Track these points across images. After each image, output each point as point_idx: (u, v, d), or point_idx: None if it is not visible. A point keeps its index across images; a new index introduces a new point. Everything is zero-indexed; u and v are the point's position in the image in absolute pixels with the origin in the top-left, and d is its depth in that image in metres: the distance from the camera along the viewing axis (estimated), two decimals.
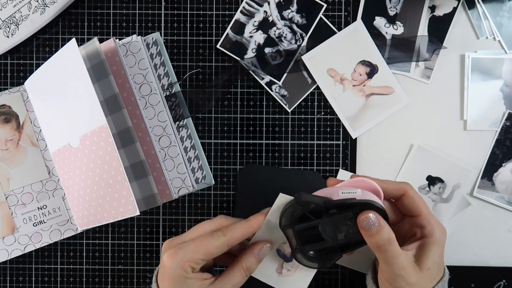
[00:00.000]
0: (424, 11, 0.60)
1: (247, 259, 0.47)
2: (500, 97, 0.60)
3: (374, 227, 0.43)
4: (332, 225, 0.45)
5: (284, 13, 0.60)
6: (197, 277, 0.46)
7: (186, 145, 0.59)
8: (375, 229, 0.43)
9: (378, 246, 0.44)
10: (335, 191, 0.45)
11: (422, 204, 0.48)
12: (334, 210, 0.44)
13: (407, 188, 0.48)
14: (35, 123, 0.59)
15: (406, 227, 0.49)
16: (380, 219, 0.43)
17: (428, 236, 0.46)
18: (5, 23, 0.59)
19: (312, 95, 0.60)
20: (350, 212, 0.44)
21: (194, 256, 0.45)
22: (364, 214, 0.43)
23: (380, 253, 0.44)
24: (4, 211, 0.58)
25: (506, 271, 0.60)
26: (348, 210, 0.44)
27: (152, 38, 0.59)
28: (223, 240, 0.45)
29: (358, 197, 0.44)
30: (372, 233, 0.43)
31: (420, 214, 0.47)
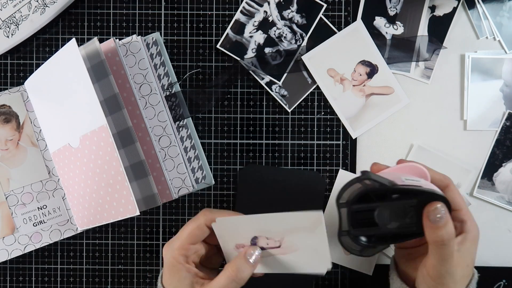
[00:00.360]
0: (424, 11, 0.60)
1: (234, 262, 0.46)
2: (500, 97, 0.60)
3: (442, 220, 0.41)
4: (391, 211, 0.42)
5: (284, 13, 0.60)
6: (191, 270, 0.46)
7: (186, 145, 0.59)
8: (442, 222, 0.41)
9: (442, 240, 0.42)
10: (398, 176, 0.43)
11: (462, 200, 0.47)
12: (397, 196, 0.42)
13: (450, 181, 0.47)
14: (35, 123, 0.59)
15: None
16: (447, 212, 0.42)
17: (469, 231, 0.45)
18: (5, 23, 0.59)
19: (312, 95, 0.60)
20: (414, 200, 0.42)
21: (181, 242, 0.46)
22: (434, 205, 0.41)
23: (439, 248, 0.43)
24: (4, 211, 0.58)
25: (506, 271, 0.60)
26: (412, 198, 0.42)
27: (152, 38, 0.59)
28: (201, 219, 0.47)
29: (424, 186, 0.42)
30: (438, 226, 0.41)
31: (461, 208, 0.46)
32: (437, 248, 0.43)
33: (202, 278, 0.47)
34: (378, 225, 0.42)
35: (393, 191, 0.42)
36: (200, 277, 0.47)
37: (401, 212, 0.42)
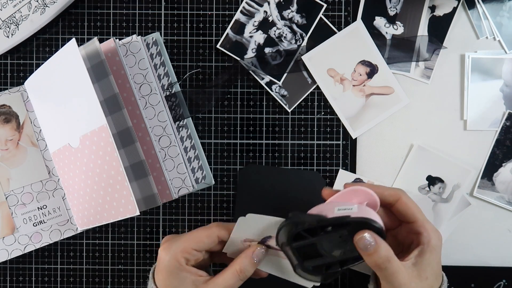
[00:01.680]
0: (424, 11, 0.60)
1: (241, 261, 0.47)
2: (500, 97, 0.60)
3: (371, 247, 0.42)
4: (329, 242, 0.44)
5: (284, 13, 0.60)
6: (191, 271, 0.47)
7: (186, 145, 0.59)
8: (372, 249, 0.42)
9: (377, 264, 0.43)
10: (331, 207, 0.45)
11: (417, 210, 0.47)
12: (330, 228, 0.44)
13: (401, 194, 0.48)
14: (35, 123, 0.59)
15: (403, 233, 0.49)
16: (376, 238, 0.43)
17: (425, 243, 0.46)
18: (5, 23, 0.59)
19: (312, 95, 0.60)
20: (345, 230, 0.43)
21: (186, 246, 0.46)
22: (360, 234, 0.43)
23: (379, 271, 0.44)
24: (4, 211, 0.58)
25: (506, 271, 0.60)
26: (344, 228, 0.43)
27: (152, 38, 0.59)
28: (214, 230, 0.47)
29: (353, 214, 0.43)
30: (369, 253, 0.43)
31: (415, 220, 0.47)
32: (378, 271, 0.44)
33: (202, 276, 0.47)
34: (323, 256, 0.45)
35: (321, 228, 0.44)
36: (200, 275, 0.47)
37: (339, 242, 0.44)
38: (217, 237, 0.47)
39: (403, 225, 0.49)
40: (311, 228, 0.44)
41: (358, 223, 0.43)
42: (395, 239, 0.49)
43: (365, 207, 0.45)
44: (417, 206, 0.48)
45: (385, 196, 0.47)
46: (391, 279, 0.44)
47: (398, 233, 0.49)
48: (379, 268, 0.43)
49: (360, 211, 0.44)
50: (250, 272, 0.47)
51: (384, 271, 0.43)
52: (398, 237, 0.49)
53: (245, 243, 0.48)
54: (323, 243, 0.44)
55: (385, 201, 0.48)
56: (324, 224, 0.44)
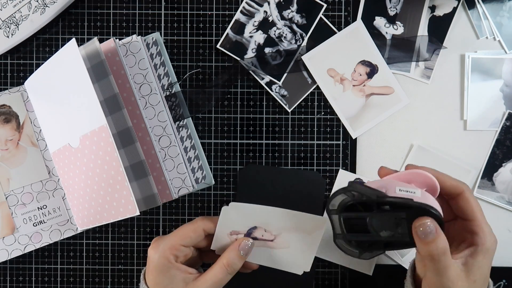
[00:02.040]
0: (424, 11, 0.60)
1: (227, 255, 0.47)
2: (500, 97, 0.60)
3: (430, 235, 0.41)
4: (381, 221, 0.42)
5: (284, 13, 0.60)
6: (180, 268, 0.47)
7: (186, 145, 0.59)
8: (431, 238, 0.41)
9: (431, 255, 0.41)
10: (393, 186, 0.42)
11: (477, 209, 0.45)
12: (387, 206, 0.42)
13: (465, 188, 0.45)
14: (35, 123, 0.59)
15: (456, 228, 0.46)
16: (437, 228, 0.41)
17: (479, 244, 0.44)
18: (5, 23, 0.59)
19: (312, 95, 0.60)
20: (403, 213, 0.41)
21: (173, 243, 0.47)
22: (421, 220, 0.41)
23: (432, 263, 0.42)
24: (4, 211, 0.58)
25: (506, 271, 0.60)
26: (402, 211, 0.41)
27: (152, 38, 0.59)
28: (199, 224, 0.47)
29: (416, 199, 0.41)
30: (427, 241, 0.41)
31: (473, 219, 0.44)
32: (429, 262, 0.42)
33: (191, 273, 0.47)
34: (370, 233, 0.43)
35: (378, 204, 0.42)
36: (190, 273, 0.47)
37: (392, 223, 0.42)
38: (202, 230, 0.48)
39: (459, 220, 0.46)
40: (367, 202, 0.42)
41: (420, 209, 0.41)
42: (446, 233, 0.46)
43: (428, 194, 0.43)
44: (479, 204, 0.45)
45: (447, 187, 0.45)
46: (442, 273, 0.42)
47: (450, 227, 0.47)
48: (432, 259, 0.42)
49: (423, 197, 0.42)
50: (237, 265, 0.47)
51: (437, 263, 0.42)
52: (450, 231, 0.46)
53: (231, 237, 0.48)
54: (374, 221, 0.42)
55: (446, 192, 0.45)
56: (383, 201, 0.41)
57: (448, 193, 0.45)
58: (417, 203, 0.41)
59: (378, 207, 0.42)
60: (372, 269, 0.59)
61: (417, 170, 0.45)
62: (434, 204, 0.42)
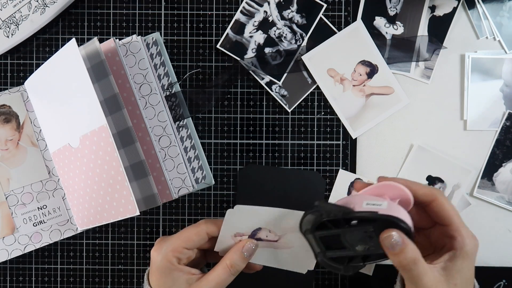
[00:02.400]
0: (424, 11, 0.60)
1: (231, 256, 0.47)
2: (500, 97, 0.60)
3: (397, 247, 0.41)
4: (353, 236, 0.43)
5: (284, 13, 0.60)
6: (183, 270, 0.47)
7: (186, 145, 0.59)
8: (398, 249, 0.41)
9: (402, 265, 0.42)
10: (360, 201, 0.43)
11: (453, 213, 0.45)
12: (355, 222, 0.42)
13: (437, 194, 0.45)
14: (35, 123, 0.59)
15: (436, 235, 0.46)
16: (404, 238, 0.41)
17: (458, 248, 0.43)
18: (5, 23, 0.59)
19: (312, 95, 0.60)
20: (370, 226, 0.42)
21: (176, 245, 0.47)
22: (387, 233, 0.41)
23: (404, 272, 0.42)
24: (4, 211, 0.58)
25: (506, 271, 0.60)
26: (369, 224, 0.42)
27: (152, 38, 0.59)
28: (202, 227, 0.47)
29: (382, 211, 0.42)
30: (395, 253, 0.41)
31: (450, 223, 0.44)
32: (403, 272, 0.43)
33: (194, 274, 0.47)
34: (347, 248, 0.44)
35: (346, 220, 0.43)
36: (192, 274, 0.47)
37: (363, 237, 0.43)
38: (206, 233, 0.48)
39: (437, 226, 0.46)
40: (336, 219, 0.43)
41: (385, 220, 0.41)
42: (427, 240, 0.47)
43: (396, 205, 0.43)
44: (455, 208, 0.45)
45: (420, 195, 0.45)
46: (416, 281, 0.42)
47: (431, 233, 0.47)
48: (404, 269, 0.42)
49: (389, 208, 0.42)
50: (241, 266, 0.47)
51: (409, 272, 0.42)
52: (431, 237, 0.47)
53: (235, 238, 0.48)
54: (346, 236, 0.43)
55: (420, 200, 0.45)
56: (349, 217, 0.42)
57: (422, 201, 0.45)
58: (381, 215, 0.41)
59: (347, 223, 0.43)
60: (372, 269, 0.59)
61: (388, 182, 0.45)
62: (401, 214, 0.42)
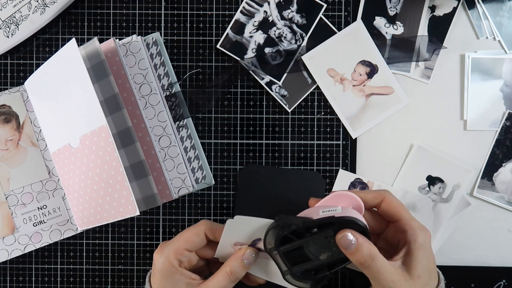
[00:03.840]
0: (424, 11, 0.60)
1: (231, 264, 0.47)
2: (500, 97, 0.60)
3: (352, 245, 0.43)
4: (316, 244, 0.45)
5: (284, 13, 0.60)
6: (184, 274, 0.47)
7: (186, 145, 0.59)
8: (354, 247, 0.43)
9: (360, 263, 0.43)
10: (316, 211, 0.45)
11: (401, 209, 0.47)
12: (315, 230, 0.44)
13: (385, 194, 0.48)
14: (35, 123, 0.59)
15: (391, 233, 0.49)
16: (358, 236, 0.43)
17: (411, 241, 0.45)
18: (5, 23, 0.59)
19: (312, 95, 0.60)
20: (330, 230, 0.44)
21: (177, 247, 0.47)
22: (341, 233, 0.43)
23: (365, 270, 0.44)
24: (4, 211, 0.58)
25: (506, 271, 0.60)
26: (328, 228, 0.44)
27: (152, 38, 0.59)
28: (201, 227, 0.47)
29: (337, 215, 0.44)
30: (352, 251, 0.43)
31: (400, 218, 0.47)
32: (363, 269, 0.44)
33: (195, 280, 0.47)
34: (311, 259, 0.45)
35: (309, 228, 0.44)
36: (193, 279, 0.47)
37: (325, 243, 0.45)
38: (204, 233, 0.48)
39: (390, 225, 0.49)
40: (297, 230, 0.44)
41: (343, 222, 0.43)
42: (386, 242, 0.49)
43: (349, 208, 0.46)
44: (402, 205, 0.47)
45: (369, 199, 0.47)
46: (377, 277, 0.43)
47: (387, 234, 0.49)
48: (363, 266, 0.43)
49: (344, 211, 0.44)
50: (240, 274, 0.47)
51: (368, 269, 0.43)
52: (388, 238, 0.49)
53: (235, 247, 0.48)
54: (310, 246, 0.45)
55: (370, 204, 0.48)
56: (310, 225, 0.44)
57: (373, 204, 0.48)
58: (337, 217, 0.43)
59: (308, 232, 0.44)
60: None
61: (339, 192, 0.47)
62: (354, 215, 0.44)
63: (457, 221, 0.60)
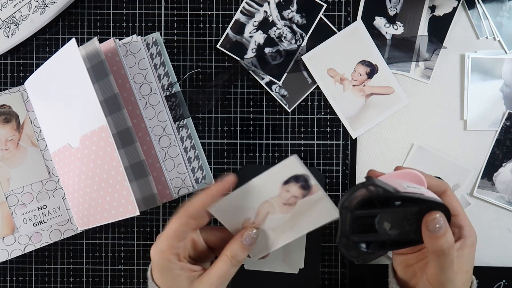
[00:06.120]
0: (424, 11, 0.60)
1: (230, 247, 0.46)
2: (500, 97, 0.60)
3: (441, 230, 0.41)
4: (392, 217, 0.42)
5: (284, 13, 0.60)
6: (184, 267, 0.46)
7: (186, 145, 0.59)
8: (442, 232, 0.41)
9: (442, 250, 0.42)
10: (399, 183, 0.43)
11: (460, 205, 0.47)
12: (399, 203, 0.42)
13: (447, 187, 0.47)
14: (35, 123, 0.59)
15: None
16: (446, 222, 0.42)
17: (467, 237, 0.45)
18: (5, 23, 0.59)
19: (312, 95, 0.60)
20: (417, 208, 0.42)
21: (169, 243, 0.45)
22: (433, 215, 0.41)
23: (439, 257, 0.43)
24: (4, 211, 0.58)
25: (506, 271, 0.60)
26: (415, 206, 0.42)
27: (152, 38, 0.59)
28: (182, 213, 0.45)
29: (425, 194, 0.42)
30: (437, 236, 0.41)
31: (458, 214, 0.46)
32: (437, 257, 0.43)
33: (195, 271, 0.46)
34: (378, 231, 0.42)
35: (396, 198, 0.42)
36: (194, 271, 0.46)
37: (401, 219, 0.42)
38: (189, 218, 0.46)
39: None
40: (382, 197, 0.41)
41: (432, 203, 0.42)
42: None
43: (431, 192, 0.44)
44: (459, 200, 0.47)
45: (432, 186, 0.46)
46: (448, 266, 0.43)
47: None
48: (442, 253, 0.42)
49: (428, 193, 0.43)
50: (241, 257, 0.46)
51: (445, 257, 0.42)
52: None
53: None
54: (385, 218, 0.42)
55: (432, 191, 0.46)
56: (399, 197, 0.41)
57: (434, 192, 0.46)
58: (428, 197, 0.42)
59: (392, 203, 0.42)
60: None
61: (408, 170, 0.46)
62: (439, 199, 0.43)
63: None
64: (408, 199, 0.42)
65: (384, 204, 0.42)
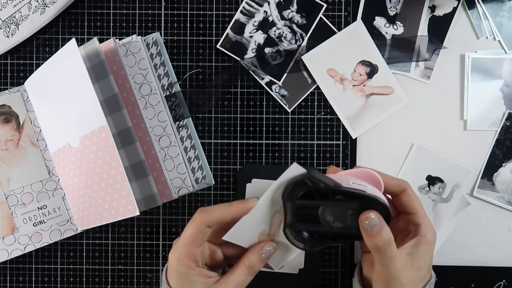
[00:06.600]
0: (424, 11, 0.60)
1: (249, 257, 0.47)
2: (500, 97, 0.60)
3: (375, 228, 0.43)
4: (333, 211, 0.44)
5: (284, 13, 0.60)
6: (201, 274, 0.46)
7: (186, 145, 0.59)
8: (376, 230, 0.43)
9: (377, 247, 0.44)
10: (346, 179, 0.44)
11: (419, 203, 0.48)
12: (340, 197, 0.43)
13: (406, 185, 0.48)
14: (35, 123, 0.59)
15: (401, 223, 0.49)
16: (381, 220, 0.43)
17: (422, 235, 0.47)
18: (5, 23, 0.59)
19: (312, 95, 0.60)
20: (356, 204, 0.43)
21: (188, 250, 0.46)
22: (366, 214, 0.43)
23: (378, 254, 0.44)
24: (4, 211, 0.58)
25: (506, 271, 0.60)
26: (355, 201, 0.43)
27: (152, 38, 0.59)
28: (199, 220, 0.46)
29: (368, 191, 0.43)
30: (372, 234, 0.43)
31: (416, 212, 0.48)
32: (377, 254, 0.44)
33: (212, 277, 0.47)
34: (321, 223, 0.44)
35: (335, 192, 0.43)
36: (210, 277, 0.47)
37: (343, 214, 0.44)
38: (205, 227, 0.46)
39: (402, 216, 0.49)
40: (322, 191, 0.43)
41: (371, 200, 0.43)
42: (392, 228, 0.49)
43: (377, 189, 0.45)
44: (419, 199, 0.48)
45: (391, 186, 0.48)
46: (388, 263, 0.44)
47: (395, 223, 0.50)
48: (378, 250, 0.44)
49: (373, 190, 0.44)
50: (258, 268, 0.47)
51: (383, 254, 0.44)
52: (395, 227, 0.50)
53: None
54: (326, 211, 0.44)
55: (389, 190, 0.48)
56: (339, 190, 0.43)
57: (392, 191, 0.48)
58: (369, 194, 0.43)
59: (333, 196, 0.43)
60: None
61: (364, 168, 0.47)
62: (383, 198, 0.44)
63: (457, 221, 0.60)
64: (348, 194, 0.43)
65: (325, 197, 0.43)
